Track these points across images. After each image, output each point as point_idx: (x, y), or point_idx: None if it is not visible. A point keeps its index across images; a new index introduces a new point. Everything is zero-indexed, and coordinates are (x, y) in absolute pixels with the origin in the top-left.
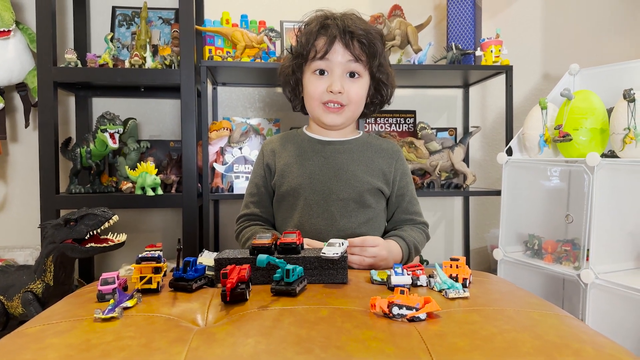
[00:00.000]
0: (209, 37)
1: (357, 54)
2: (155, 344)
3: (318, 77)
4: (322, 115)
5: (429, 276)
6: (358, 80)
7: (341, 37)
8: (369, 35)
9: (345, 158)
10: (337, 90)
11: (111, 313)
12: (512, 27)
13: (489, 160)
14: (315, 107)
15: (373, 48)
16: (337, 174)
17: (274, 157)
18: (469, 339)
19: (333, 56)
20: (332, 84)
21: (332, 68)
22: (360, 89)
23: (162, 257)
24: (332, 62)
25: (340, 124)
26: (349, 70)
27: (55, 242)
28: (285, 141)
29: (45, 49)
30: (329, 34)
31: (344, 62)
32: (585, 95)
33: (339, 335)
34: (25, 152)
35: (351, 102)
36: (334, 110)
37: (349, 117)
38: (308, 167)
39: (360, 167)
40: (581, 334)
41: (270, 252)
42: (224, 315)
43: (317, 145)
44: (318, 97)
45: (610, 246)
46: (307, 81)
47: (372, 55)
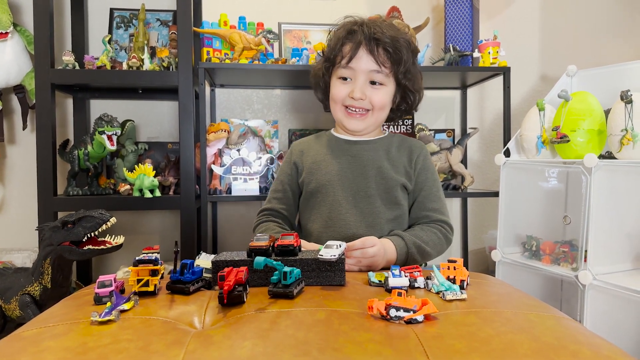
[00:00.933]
0: (206, 38)
1: (381, 60)
2: (153, 347)
3: (342, 82)
4: (344, 120)
5: (427, 278)
6: (381, 88)
7: (366, 43)
8: (395, 43)
9: (372, 156)
10: (357, 97)
11: (108, 316)
12: (509, 28)
13: (487, 162)
14: (337, 111)
15: (398, 55)
16: (364, 171)
17: (302, 156)
18: (467, 341)
19: (357, 63)
20: (353, 90)
21: (355, 75)
22: (383, 96)
23: (160, 260)
24: (355, 69)
25: (362, 130)
26: (371, 78)
27: (52, 244)
28: (313, 141)
29: (42, 50)
30: (355, 40)
31: (367, 70)
32: (583, 97)
33: (336, 338)
34: (23, 154)
35: (375, 108)
36: (356, 115)
37: (371, 122)
38: (336, 165)
39: (385, 164)
40: (578, 336)
41: (267, 254)
42: (221, 318)
43: (344, 144)
44: (340, 100)
45: (608, 247)
46: (332, 85)
47: (397, 62)
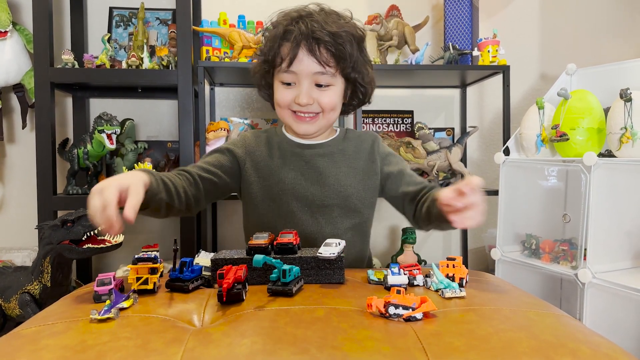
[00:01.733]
0: (206, 37)
1: (324, 60)
2: (152, 345)
3: (285, 87)
4: (294, 124)
5: (426, 276)
6: (328, 89)
7: (305, 44)
8: (337, 39)
9: (327, 162)
10: (304, 103)
11: (107, 314)
12: (509, 27)
13: (487, 160)
14: (285, 116)
15: (342, 51)
16: (320, 179)
17: (248, 157)
18: (466, 339)
19: (298, 66)
20: (299, 95)
21: (298, 79)
22: (332, 97)
23: (159, 258)
24: (297, 72)
25: (313, 133)
26: (316, 81)
27: (52, 243)
28: (264, 141)
29: (41, 49)
30: (293, 40)
31: (310, 73)
32: (582, 95)
33: (335, 335)
34: (23, 153)
35: (324, 110)
36: (305, 119)
37: (323, 125)
38: (289, 173)
39: (342, 169)
40: (577, 334)
41: (266, 252)
42: (221, 316)
43: (297, 148)
44: (286, 105)
45: (607, 245)
46: (276, 89)
47: (341, 59)
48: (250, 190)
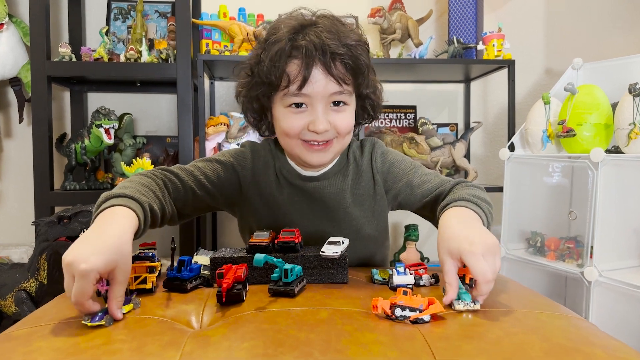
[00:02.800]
0: (206, 30)
1: (341, 78)
2: (147, 348)
3: (295, 111)
4: (306, 156)
5: (431, 276)
6: (344, 108)
7: (321, 61)
8: (354, 51)
9: (332, 194)
10: (322, 130)
11: (99, 321)
12: (513, 21)
13: (491, 156)
14: (294, 147)
15: (360, 66)
16: (328, 213)
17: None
18: (475, 342)
19: (312, 88)
20: (314, 121)
21: (311, 102)
22: (349, 119)
23: (157, 256)
24: (311, 95)
25: (328, 162)
26: (333, 99)
27: (48, 240)
28: (261, 165)
29: (38, 42)
30: (304, 58)
31: (327, 94)
32: (590, 90)
33: (339, 339)
34: (20, 148)
35: (340, 135)
36: (319, 147)
37: (337, 151)
38: (297, 209)
39: (348, 200)
40: (591, 337)
41: (267, 250)
42: (220, 317)
43: (299, 180)
44: (295, 135)
45: (614, 243)
46: (280, 115)
47: (359, 74)
48: (253, 216)
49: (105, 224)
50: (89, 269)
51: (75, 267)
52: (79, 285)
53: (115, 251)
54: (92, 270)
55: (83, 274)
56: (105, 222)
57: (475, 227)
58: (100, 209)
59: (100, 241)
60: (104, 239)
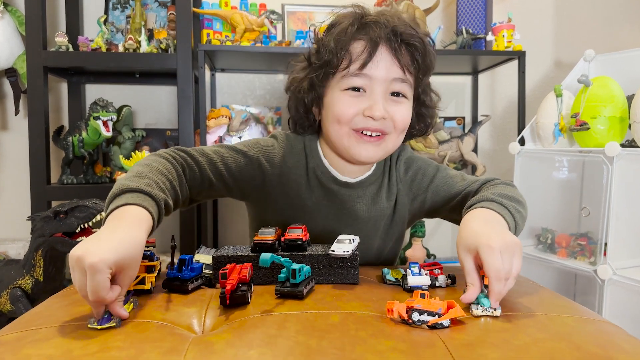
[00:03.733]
0: (207, 20)
1: (405, 65)
2: (146, 356)
3: (352, 95)
4: (355, 147)
5: (447, 276)
6: (403, 101)
7: (387, 42)
8: (424, 41)
9: (365, 205)
10: (379, 116)
11: (107, 322)
12: (523, 10)
13: (499, 151)
14: (343, 136)
15: (425, 59)
16: (357, 226)
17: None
18: (501, 350)
19: (374, 69)
20: (372, 106)
21: (371, 85)
22: (407, 113)
23: (156, 255)
24: (372, 77)
25: (378, 159)
26: (393, 89)
27: (44, 235)
28: (302, 163)
29: (34, 31)
30: (371, 37)
31: (389, 78)
32: (604, 82)
33: (353, 346)
34: (16, 141)
35: (396, 130)
36: (371, 140)
37: (388, 149)
38: (324, 215)
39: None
40: (623, 343)
41: (273, 249)
42: (223, 321)
43: (334, 185)
44: (348, 121)
45: (629, 240)
46: (334, 99)
47: (424, 69)
48: (273, 214)
49: (118, 225)
50: (100, 261)
51: (86, 261)
52: (94, 280)
53: (126, 253)
54: (104, 262)
55: (95, 267)
56: (119, 223)
57: (495, 227)
58: (114, 205)
59: (112, 239)
60: (116, 238)
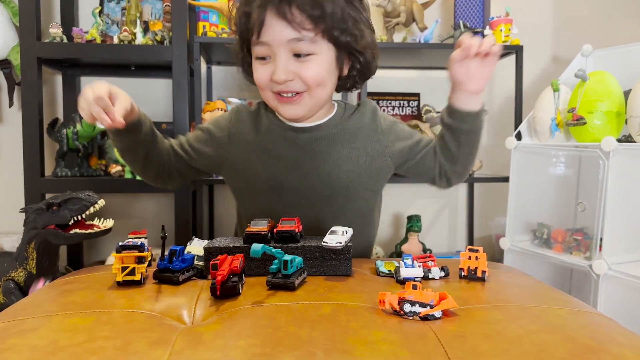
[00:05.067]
0: (202, 12)
1: (298, 22)
2: (133, 346)
3: (261, 63)
4: (278, 108)
5: (441, 269)
6: (310, 59)
7: (273, 6)
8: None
9: (324, 146)
10: (282, 80)
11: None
12: (521, 5)
13: (496, 146)
14: (269, 99)
15: (318, 9)
16: (317, 166)
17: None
18: (493, 342)
19: (269, 34)
20: (274, 71)
21: (272, 51)
22: (316, 69)
23: (147, 246)
24: (269, 43)
25: (302, 116)
26: (293, 51)
27: (37, 227)
28: (250, 123)
29: (28, 22)
30: (259, 4)
31: (284, 40)
32: (601, 77)
33: (344, 337)
34: (10, 133)
35: (310, 87)
36: (289, 100)
37: (312, 105)
38: (283, 160)
39: (342, 153)
40: (617, 336)
41: (265, 240)
42: (214, 312)
43: (289, 132)
44: (266, 86)
45: (624, 236)
46: (254, 68)
47: (320, 19)
48: (233, 179)
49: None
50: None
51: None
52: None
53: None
54: (101, 82)
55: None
56: None
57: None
58: None
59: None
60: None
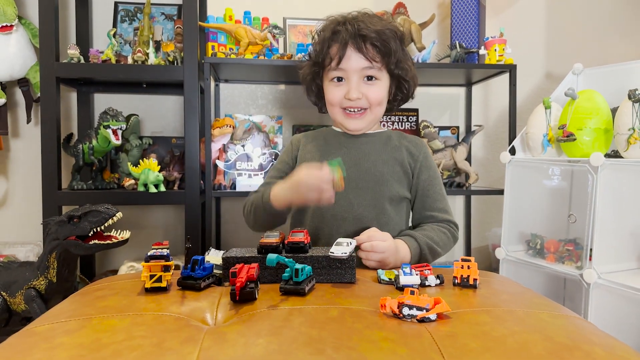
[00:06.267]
0: (212, 33)
1: (370, 56)
2: (167, 344)
3: (336, 84)
4: (344, 121)
5: (437, 277)
6: (376, 83)
7: (353, 42)
8: (382, 36)
9: (368, 149)
10: (355, 98)
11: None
12: (515, 26)
13: (492, 159)
14: (336, 114)
15: (387, 47)
16: (357, 162)
17: (300, 148)
18: (481, 341)
19: (347, 63)
20: (349, 91)
21: (347, 75)
22: (379, 91)
23: (170, 256)
24: (347, 69)
25: (363, 128)
26: (365, 75)
27: (58, 238)
28: (312, 136)
29: (47, 44)
30: (341, 40)
31: (358, 68)
32: (590, 95)
33: (350, 336)
34: (27, 148)
35: (372, 105)
36: (355, 115)
37: (371, 120)
38: (329, 157)
39: (381, 157)
40: (591, 336)
41: (278, 251)
42: (234, 315)
43: (342, 137)
44: (337, 104)
45: (613, 246)
46: (326, 89)
47: (387, 54)
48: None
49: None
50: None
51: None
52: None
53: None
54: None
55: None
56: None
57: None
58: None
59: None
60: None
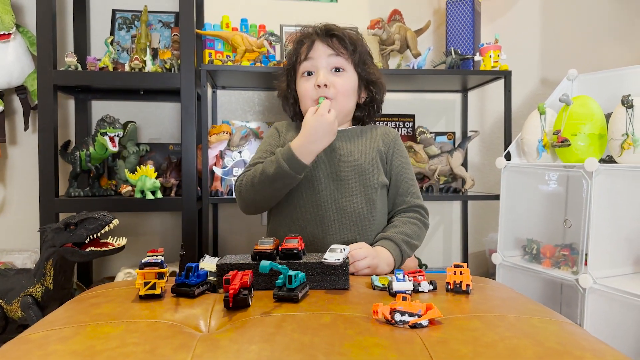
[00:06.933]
0: (209, 40)
1: (337, 47)
2: (160, 351)
3: (306, 78)
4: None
5: (430, 282)
6: (343, 74)
7: (319, 35)
8: (347, 34)
9: (344, 142)
10: (322, 83)
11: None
12: (510, 32)
13: (488, 165)
14: (309, 107)
15: (353, 44)
16: (337, 154)
17: (284, 133)
18: (472, 346)
19: (315, 54)
20: (317, 78)
21: (316, 66)
22: (346, 81)
23: (164, 263)
24: (315, 60)
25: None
26: (332, 65)
27: (55, 245)
28: (294, 127)
29: (45, 52)
30: (310, 37)
31: (325, 57)
32: (584, 101)
33: (341, 342)
34: (24, 155)
35: (338, 94)
36: None
37: (339, 110)
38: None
39: (357, 147)
40: (582, 341)
41: (272, 257)
42: (227, 321)
43: None
44: (309, 95)
45: (608, 251)
46: (298, 85)
47: (353, 51)
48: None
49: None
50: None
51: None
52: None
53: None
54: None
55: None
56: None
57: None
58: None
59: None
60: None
